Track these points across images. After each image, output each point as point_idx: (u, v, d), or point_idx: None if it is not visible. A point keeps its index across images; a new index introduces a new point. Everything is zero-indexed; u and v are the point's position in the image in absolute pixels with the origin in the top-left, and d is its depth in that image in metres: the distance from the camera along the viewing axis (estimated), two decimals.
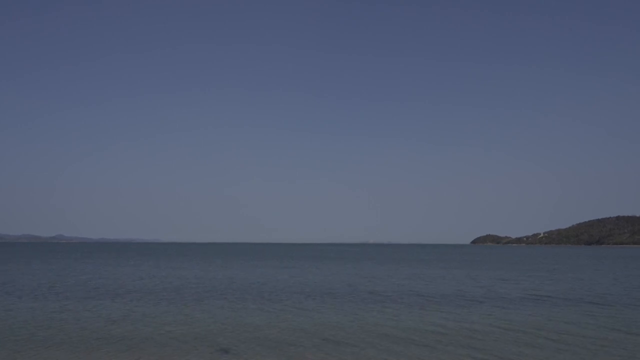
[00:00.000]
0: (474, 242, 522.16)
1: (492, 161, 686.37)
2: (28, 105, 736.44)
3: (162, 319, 18.95)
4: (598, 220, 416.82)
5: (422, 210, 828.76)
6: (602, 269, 55.65)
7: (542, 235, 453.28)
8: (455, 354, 13.57)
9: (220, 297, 26.32)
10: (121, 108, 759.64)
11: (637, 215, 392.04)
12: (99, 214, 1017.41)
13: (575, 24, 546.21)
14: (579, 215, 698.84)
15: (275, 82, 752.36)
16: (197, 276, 40.72)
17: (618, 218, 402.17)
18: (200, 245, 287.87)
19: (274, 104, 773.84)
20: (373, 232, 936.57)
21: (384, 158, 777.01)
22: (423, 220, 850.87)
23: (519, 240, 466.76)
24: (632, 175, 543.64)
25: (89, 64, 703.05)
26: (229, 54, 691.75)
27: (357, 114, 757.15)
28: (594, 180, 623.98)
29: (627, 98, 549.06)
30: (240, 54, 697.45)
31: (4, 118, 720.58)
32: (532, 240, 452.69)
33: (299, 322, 18.57)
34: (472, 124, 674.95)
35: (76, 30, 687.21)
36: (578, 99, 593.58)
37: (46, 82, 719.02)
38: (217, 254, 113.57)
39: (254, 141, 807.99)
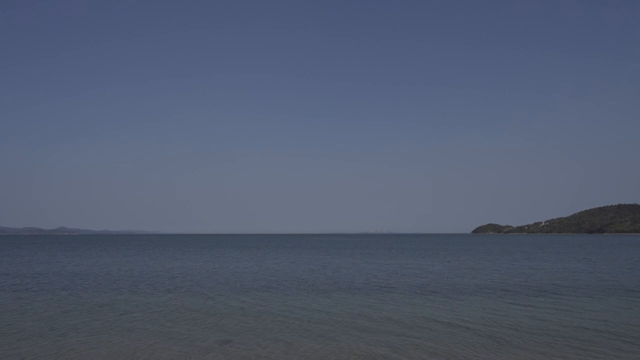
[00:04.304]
0: (475, 231, 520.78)
1: (496, 150, 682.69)
2: (26, 98, 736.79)
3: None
4: (599, 208, 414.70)
5: (425, 200, 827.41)
6: (587, 257, 53.93)
7: (543, 223, 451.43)
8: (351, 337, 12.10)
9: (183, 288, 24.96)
10: (119, 101, 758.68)
11: (639, 203, 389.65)
12: (101, 207, 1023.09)
13: (596, 10, 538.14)
14: (580, 203, 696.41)
15: (280, 69, 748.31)
16: (170, 267, 39.43)
17: (619, 206, 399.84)
18: (199, 237, 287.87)
19: (276, 91, 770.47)
20: (374, 222, 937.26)
21: (387, 149, 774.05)
22: (425, 210, 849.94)
23: (520, 229, 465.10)
24: (634, 164, 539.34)
25: (90, 50, 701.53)
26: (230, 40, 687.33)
27: (358, 102, 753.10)
28: (596, 169, 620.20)
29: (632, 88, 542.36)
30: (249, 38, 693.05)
31: (4, 113, 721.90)
32: (534, 229, 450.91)
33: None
34: (474, 113, 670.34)
35: (74, 19, 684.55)
36: (578, 88, 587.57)
37: (46, 74, 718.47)
38: (213, 245, 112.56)
39: (256, 134, 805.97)
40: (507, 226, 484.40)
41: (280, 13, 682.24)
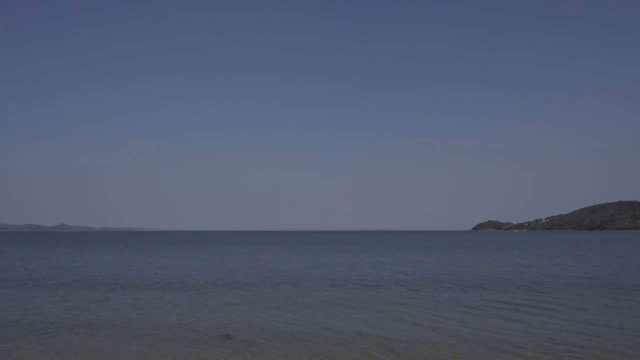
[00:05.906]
0: (475, 228, 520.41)
1: (496, 148, 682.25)
2: (27, 99, 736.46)
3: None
4: (600, 205, 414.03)
5: (425, 198, 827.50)
6: (583, 255, 53.93)
7: (543, 220, 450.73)
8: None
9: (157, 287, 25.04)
10: (119, 98, 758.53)
11: (639, 200, 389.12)
12: (101, 204, 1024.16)
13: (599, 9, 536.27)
14: (581, 200, 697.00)
15: (281, 67, 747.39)
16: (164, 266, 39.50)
17: (620, 203, 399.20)
18: (199, 234, 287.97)
19: (278, 89, 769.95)
20: (375, 220, 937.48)
21: (386, 146, 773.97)
22: (426, 207, 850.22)
23: (520, 226, 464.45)
24: (634, 161, 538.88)
25: (87, 47, 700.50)
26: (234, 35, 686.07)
27: (356, 101, 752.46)
28: (596, 166, 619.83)
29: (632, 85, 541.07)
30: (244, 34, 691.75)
31: (6, 113, 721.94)
32: (534, 225, 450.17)
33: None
34: (474, 110, 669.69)
35: (69, 17, 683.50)
36: (578, 85, 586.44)
37: (46, 71, 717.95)
38: (212, 242, 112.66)
39: (257, 131, 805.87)
40: (507, 223, 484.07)
41: (279, 9, 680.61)
